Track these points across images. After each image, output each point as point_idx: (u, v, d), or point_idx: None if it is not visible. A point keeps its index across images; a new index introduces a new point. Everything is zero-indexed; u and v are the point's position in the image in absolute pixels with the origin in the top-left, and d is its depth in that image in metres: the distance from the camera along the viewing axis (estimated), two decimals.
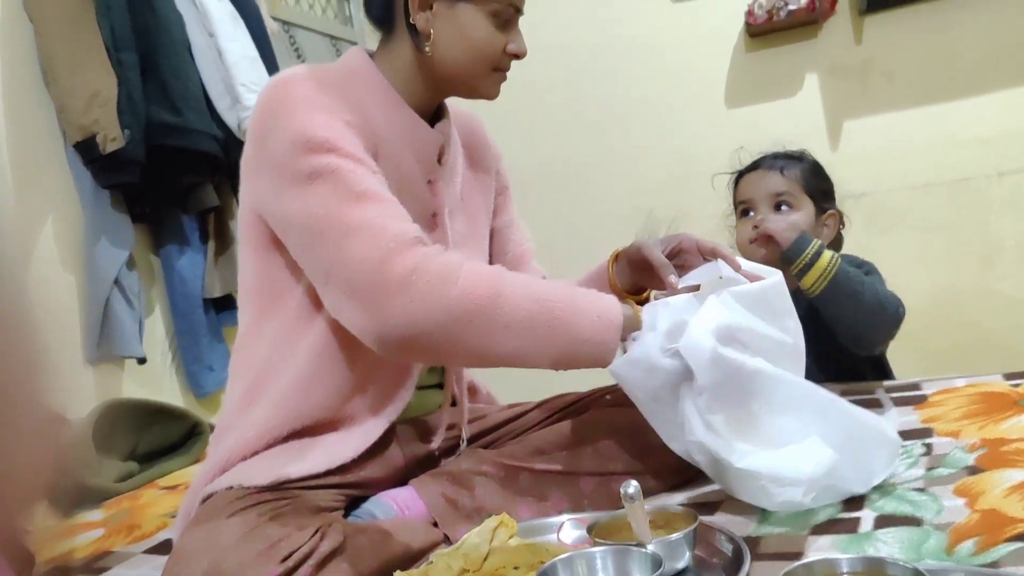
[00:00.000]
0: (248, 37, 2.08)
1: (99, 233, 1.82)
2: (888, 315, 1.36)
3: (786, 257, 1.35)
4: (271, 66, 2.15)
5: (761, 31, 2.69)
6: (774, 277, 1.06)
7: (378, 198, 0.98)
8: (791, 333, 1.04)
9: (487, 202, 1.29)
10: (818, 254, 1.33)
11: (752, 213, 1.48)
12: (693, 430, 0.97)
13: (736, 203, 1.55)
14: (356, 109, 1.06)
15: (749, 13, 2.65)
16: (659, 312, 1.00)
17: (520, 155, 3.09)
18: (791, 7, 2.59)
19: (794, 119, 2.72)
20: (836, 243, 1.54)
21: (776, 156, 1.53)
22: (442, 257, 0.96)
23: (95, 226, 1.82)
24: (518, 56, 1.11)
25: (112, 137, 1.73)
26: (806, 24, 2.65)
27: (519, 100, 3.00)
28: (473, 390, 1.31)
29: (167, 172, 1.90)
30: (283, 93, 1.03)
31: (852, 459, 0.97)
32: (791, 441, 0.96)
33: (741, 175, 1.55)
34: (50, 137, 1.80)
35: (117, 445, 1.64)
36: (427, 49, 1.07)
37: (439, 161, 1.16)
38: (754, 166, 1.54)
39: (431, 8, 1.07)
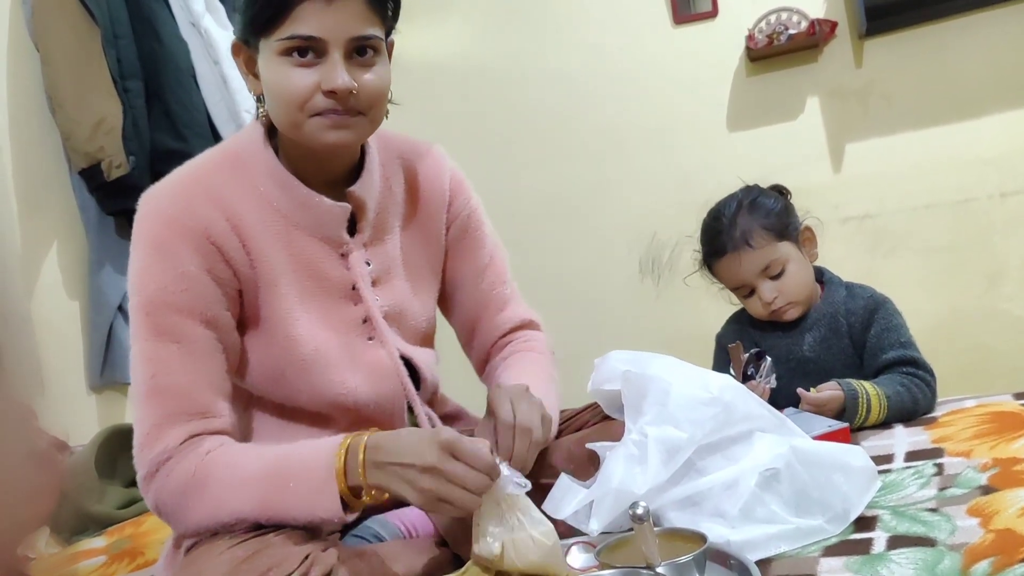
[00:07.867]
0: None
1: (103, 259, 1.82)
2: (932, 401, 1.41)
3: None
4: None
5: (762, 55, 2.70)
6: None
7: (161, 394, 1.00)
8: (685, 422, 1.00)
9: (433, 253, 1.20)
10: (868, 408, 1.34)
11: (753, 292, 1.50)
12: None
13: (730, 288, 1.56)
14: (231, 212, 1.03)
15: (750, 38, 2.67)
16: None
17: (521, 183, 3.11)
18: (791, 31, 2.61)
19: (796, 142, 2.73)
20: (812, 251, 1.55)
21: (729, 223, 1.49)
22: (173, 483, 0.99)
23: (99, 252, 1.82)
24: (333, 92, 0.98)
25: (117, 164, 1.74)
26: (806, 48, 2.67)
27: (520, 127, 3.03)
28: (461, 416, 1.29)
29: None
30: (139, 223, 1.05)
31: (818, 502, 0.96)
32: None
33: (712, 259, 1.54)
34: (55, 164, 1.81)
35: (120, 471, 1.63)
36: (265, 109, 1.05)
37: (353, 230, 1.10)
38: (719, 250, 1.51)
39: (255, 72, 1.04)
